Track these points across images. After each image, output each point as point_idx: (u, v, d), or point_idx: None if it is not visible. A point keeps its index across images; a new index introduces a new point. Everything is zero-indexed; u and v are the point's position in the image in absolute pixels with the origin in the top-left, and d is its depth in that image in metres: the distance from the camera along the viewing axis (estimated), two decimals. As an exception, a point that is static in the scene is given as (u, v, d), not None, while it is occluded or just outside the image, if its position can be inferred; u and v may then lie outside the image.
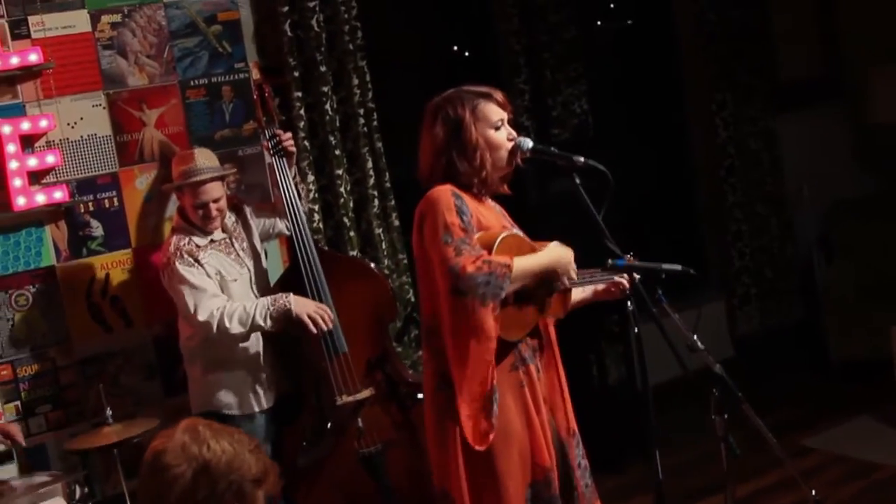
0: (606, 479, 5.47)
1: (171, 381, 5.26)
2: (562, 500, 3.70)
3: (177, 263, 4.65)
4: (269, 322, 4.61)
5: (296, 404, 4.96)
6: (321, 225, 5.63)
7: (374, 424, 4.85)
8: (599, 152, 6.18)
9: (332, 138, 5.61)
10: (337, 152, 5.63)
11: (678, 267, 3.62)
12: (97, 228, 5.21)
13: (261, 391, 4.86)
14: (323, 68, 5.58)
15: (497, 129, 3.66)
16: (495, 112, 3.67)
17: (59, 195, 5.05)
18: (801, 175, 7.34)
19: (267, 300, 4.65)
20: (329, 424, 4.86)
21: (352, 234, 5.67)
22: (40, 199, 5.00)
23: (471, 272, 3.40)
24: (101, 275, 5.22)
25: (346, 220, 5.66)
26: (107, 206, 5.23)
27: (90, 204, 5.20)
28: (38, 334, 5.10)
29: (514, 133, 3.71)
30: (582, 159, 3.64)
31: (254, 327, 4.63)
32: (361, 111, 5.69)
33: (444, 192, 3.56)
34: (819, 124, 7.48)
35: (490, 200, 3.79)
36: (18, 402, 5.04)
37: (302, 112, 5.56)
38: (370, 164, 5.71)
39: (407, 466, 4.84)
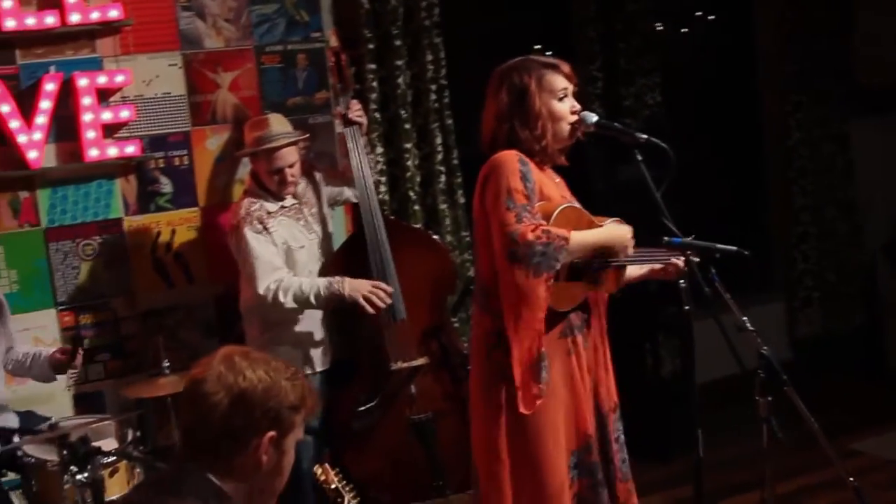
0: (652, 468, 5.50)
1: (229, 339, 5.30)
2: (601, 469, 3.73)
3: (246, 228, 4.72)
4: (321, 304, 4.71)
5: (350, 368, 5.01)
6: (387, 197, 5.67)
7: (426, 393, 4.90)
8: (669, 144, 6.28)
9: (402, 112, 5.65)
10: (407, 126, 5.67)
11: (733, 248, 3.62)
12: (166, 185, 5.30)
13: (317, 353, 4.92)
14: (398, 42, 5.62)
15: (561, 100, 3.68)
16: (560, 82, 3.68)
17: (130, 150, 5.13)
18: (872, 181, 7.25)
19: (323, 283, 4.70)
20: (382, 390, 4.90)
21: (416, 208, 5.71)
22: (112, 152, 5.09)
23: (530, 240, 3.42)
24: (167, 231, 5.31)
25: (411, 193, 5.70)
26: (177, 163, 5.31)
27: (161, 161, 5.28)
28: (102, 284, 5.20)
29: (577, 105, 3.72)
30: (644, 136, 3.66)
31: (307, 306, 4.72)
32: (433, 87, 5.73)
33: (511, 157, 3.58)
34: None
35: (551, 171, 3.80)
36: (81, 349, 5.11)
37: (374, 84, 5.60)
38: (439, 140, 5.75)
39: (455, 439, 4.85)
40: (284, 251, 4.81)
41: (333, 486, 2.93)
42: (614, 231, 3.69)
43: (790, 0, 6.95)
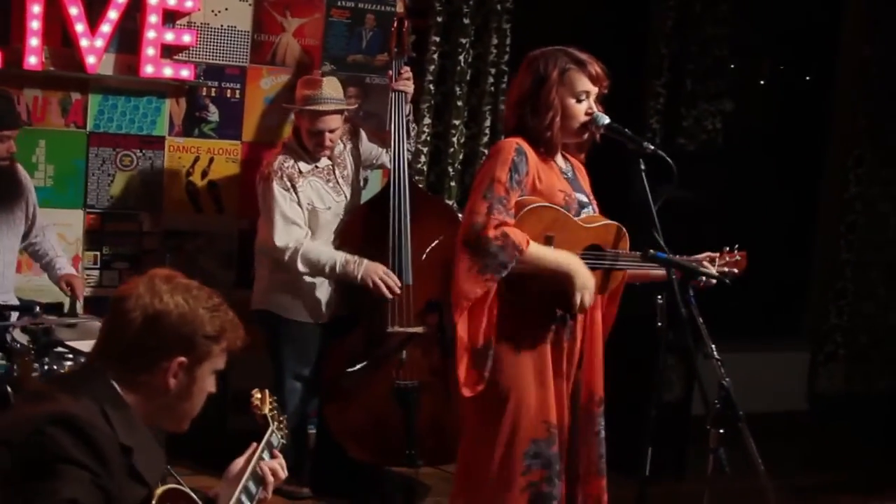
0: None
1: (245, 275, 5.44)
2: (571, 467, 3.77)
3: (274, 182, 4.86)
4: (333, 277, 4.89)
5: (349, 324, 5.11)
6: (425, 168, 5.77)
7: (415, 362, 4.98)
8: (723, 172, 6.29)
9: (457, 89, 5.74)
10: (459, 104, 5.76)
11: (716, 274, 3.61)
12: (214, 114, 5.45)
13: (320, 304, 5.05)
14: (466, 21, 5.71)
15: (579, 100, 3.69)
16: (583, 83, 3.68)
17: (185, 73, 5.28)
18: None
19: (340, 259, 4.83)
20: (375, 350, 5.00)
21: (452, 184, 5.80)
22: (167, 72, 5.25)
23: (488, 236, 3.47)
24: (206, 158, 5.47)
25: (450, 169, 5.79)
26: (228, 95, 5.46)
27: (213, 90, 5.43)
28: (133, 196, 5.38)
29: (593, 108, 3.73)
30: (651, 147, 3.66)
31: (318, 275, 4.89)
32: (493, 70, 5.81)
33: (508, 145, 3.63)
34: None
35: (562, 162, 3.83)
36: (98, 254, 5.31)
37: (435, 57, 5.71)
38: (488, 123, 5.83)
39: (434, 413, 4.94)
40: (308, 212, 4.95)
41: (263, 413, 2.93)
42: (574, 266, 3.62)
43: (877, 53, 6.88)
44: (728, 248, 4.10)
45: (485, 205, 3.52)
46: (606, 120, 3.73)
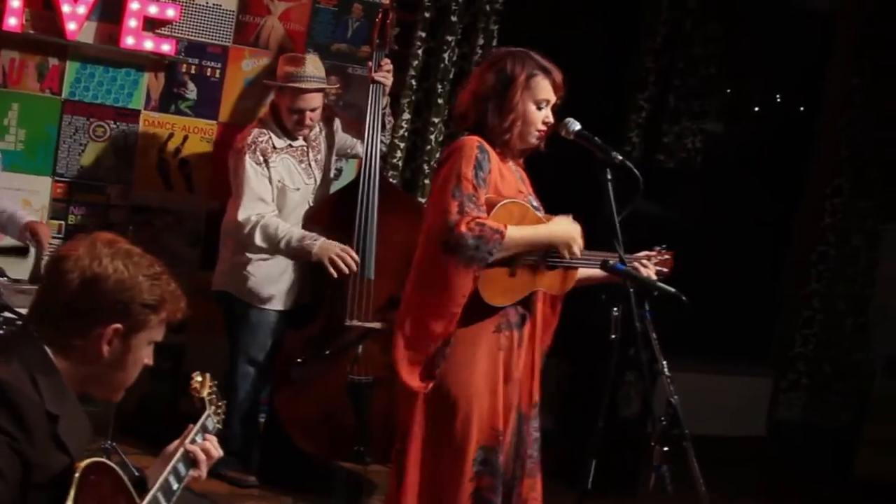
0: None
1: (210, 256, 5.41)
2: (510, 470, 3.76)
3: (247, 156, 4.84)
4: (289, 253, 4.84)
5: (310, 313, 5.10)
6: (400, 163, 5.76)
7: (371, 358, 4.95)
8: (702, 191, 6.30)
9: (439, 86, 5.74)
10: (440, 101, 5.76)
11: (673, 290, 3.57)
12: (192, 92, 5.43)
13: (280, 292, 5.04)
14: (454, 18, 5.71)
15: (539, 108, 3.69)
16: (546, 91, 3.69)
17: (166, 48, 5.26)
18: (892, 288, 7.18)
19: (297, 234, 4.81)
20: (332, 342, 4.99)
21: (427, 181, 5.79)
22: (148, 45, 5.22)
23: (462, 231, 3.45)
24: (180, 135, 5.45)
25: (426, 167, 5.79)
26: (208, 74, 5.45)
27: (193, 67, 5.41)
28: (103, 168, 5.35)
29: (550, 118, 3.72)
30: (620, 157, 3.64)
31: (275, 250, 4.85)
32: (477, 71, 5.79)
33: (471, 142, 3.61)
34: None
35: (512, 163, 3.81)
36: (63, 223, 5.28)
37: (420, 52, 5.70)
38: (467, 123, 5.81)
39: (386, 410, 4.90)
40: (278, 189, 4.93)
41: (201, 397, 2.87)
42: (557, 229, 3.67)
43: (863, 85, 6.90)
44: (658, 248, 4.08)
45: (455, 203, 3.50)
46: (577, 126, 3.72)
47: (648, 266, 3.95)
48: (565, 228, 3.68)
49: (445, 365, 3.62)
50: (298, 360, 4.98)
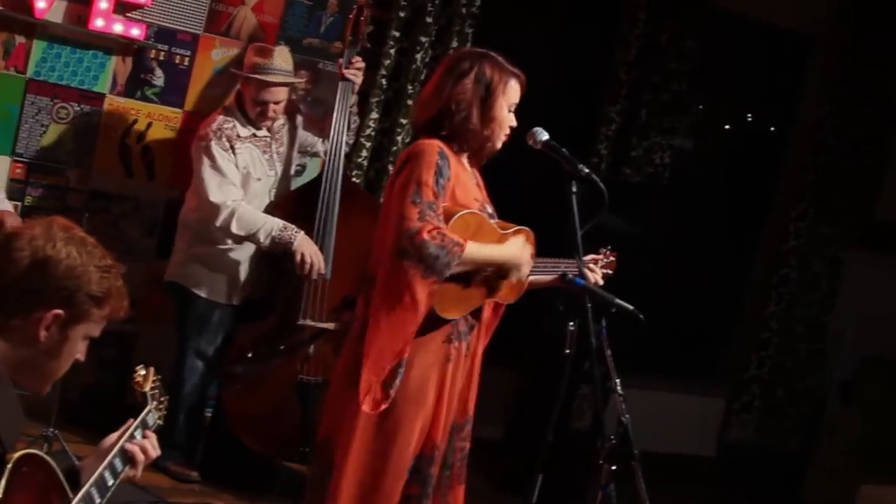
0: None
1: (167, 246, 5.37)
2: (438, 480, 3.77)
3: (213, 142, 4.82)
4: (267, 243, 4.79)
5: (264, 309, 5.08)
6: (365, 163, 5.76)
7: (322, 359, 4.94)
8: (667, 207, 6.33)
9: (410, 87, 5.74)
10: (409, 102, 5.75)
11: (631, 307, 3.57)
12: (159, 78, 5.39)
13: (235, 284, 5.02)
14: (429, 19, 5.72)
15: (510, 111, 3.70)
16: (516, 95, 3.70)
17: (136, 32, 5.22)
18: (850, 315, 7.25)
19: (278, 224, 4.79)
20: (283, 340, 4.98)
21: (391, 182, 5.78)
22: (117, 28, 5.18)
23: (424, 239, 3.40)
24: (144, 122, 5.40)
25: (391, 167, 5.77)
26: (177, 61, 5.41)
27: (162, 53, 5.37)
28: (63, 150, 5.30)
29: (514, 122, 3.72)
30: (587, 170, 3.65)
31: (252, 239, 4.82)
32: (448, 74, 5.79)
33: (432, 148, 3.56)
34: (893, 275, 7.36)
35: (470, 168, 3.79)
36: (20, 204, 5.23)
37: (392, 52, 5.69)
38: (436, 126, 5.81)
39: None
40: (243, 175, 4.91)
41: (143, 391, 2.83)
42: (510, 253, 3.66)
43: (835, 112, 6.95)
44: (604, 250, 4.13)
45: (416, 210, 3.45)
46: (545, 136, 3.72)
47: (595, 270, 3.99)
48: (516, 254, 3.67)
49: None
50: (249, 355, 4.97)
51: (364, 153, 5.71)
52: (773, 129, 7.45)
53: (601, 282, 3.91)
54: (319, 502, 3.70)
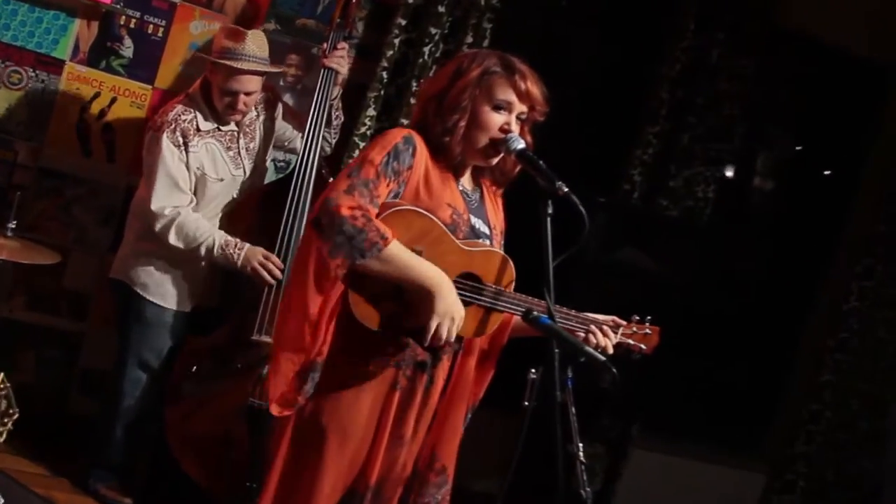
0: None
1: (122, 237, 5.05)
2: None
3: (165, 135, 4.49)
4: (207, 259, 4.52)
5: (216, 319, 4.75)
6: (356, 160, 5.35)
7: (276, 381, 4.55)
8: (706, 247, 5.88)
9: (414, 84, 5.33)
10: (412, 101, 5.33)
11: (602, 359, 3.07)
12: (128, 49, 5.09)
13: (185, 291, 4.71)
14: (442, 9, 5.32)
15: (497, 109, 3.29)
16: (505, 92, 3.30)
17: (104, -6, 4.93)
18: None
19: (220, 240, 4.50)
20: (235, 357, 4.64)
21: (385, 189, 5.37)
22: (82, -13, 4.88)
23: (343, 214, 3.04)
24: (108, 96, 5.11)
25: (390, 170, 5.36)
26: (150, 31, 5.11)
27: (133, 21, 5.08)
28: (13, 120, 5.02)
29: (514, 126, 3.33)
30: (566, 189, 3.19)
31: (193, 252, 4.51)
32: (461, 72, 5.38)
33: (397, 132, 3.27)
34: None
35: (467, 183, 3.43)
36: (-43, 173, 4.95)
37: (396, 42, 5.29)
38: (442, 130, 5.40)
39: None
40: (196, 177, 4.59)
41: None
42: (443, 289, 3.17)
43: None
44: (638, 319, 3.62)
45: (346, 183, 3.11)
46: (521, 145, 3.30)
47: (608, 335, 3.53)
48: (453, 299, 3.20)
49: (321, 394, 3.28)
50: (193, 369, 4.59)
51: (357, 153, 5.28)
52: (838, 169, 6.92)
53: (611, 350, 3.49)
54: None
